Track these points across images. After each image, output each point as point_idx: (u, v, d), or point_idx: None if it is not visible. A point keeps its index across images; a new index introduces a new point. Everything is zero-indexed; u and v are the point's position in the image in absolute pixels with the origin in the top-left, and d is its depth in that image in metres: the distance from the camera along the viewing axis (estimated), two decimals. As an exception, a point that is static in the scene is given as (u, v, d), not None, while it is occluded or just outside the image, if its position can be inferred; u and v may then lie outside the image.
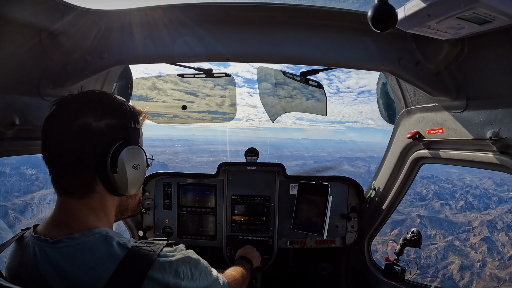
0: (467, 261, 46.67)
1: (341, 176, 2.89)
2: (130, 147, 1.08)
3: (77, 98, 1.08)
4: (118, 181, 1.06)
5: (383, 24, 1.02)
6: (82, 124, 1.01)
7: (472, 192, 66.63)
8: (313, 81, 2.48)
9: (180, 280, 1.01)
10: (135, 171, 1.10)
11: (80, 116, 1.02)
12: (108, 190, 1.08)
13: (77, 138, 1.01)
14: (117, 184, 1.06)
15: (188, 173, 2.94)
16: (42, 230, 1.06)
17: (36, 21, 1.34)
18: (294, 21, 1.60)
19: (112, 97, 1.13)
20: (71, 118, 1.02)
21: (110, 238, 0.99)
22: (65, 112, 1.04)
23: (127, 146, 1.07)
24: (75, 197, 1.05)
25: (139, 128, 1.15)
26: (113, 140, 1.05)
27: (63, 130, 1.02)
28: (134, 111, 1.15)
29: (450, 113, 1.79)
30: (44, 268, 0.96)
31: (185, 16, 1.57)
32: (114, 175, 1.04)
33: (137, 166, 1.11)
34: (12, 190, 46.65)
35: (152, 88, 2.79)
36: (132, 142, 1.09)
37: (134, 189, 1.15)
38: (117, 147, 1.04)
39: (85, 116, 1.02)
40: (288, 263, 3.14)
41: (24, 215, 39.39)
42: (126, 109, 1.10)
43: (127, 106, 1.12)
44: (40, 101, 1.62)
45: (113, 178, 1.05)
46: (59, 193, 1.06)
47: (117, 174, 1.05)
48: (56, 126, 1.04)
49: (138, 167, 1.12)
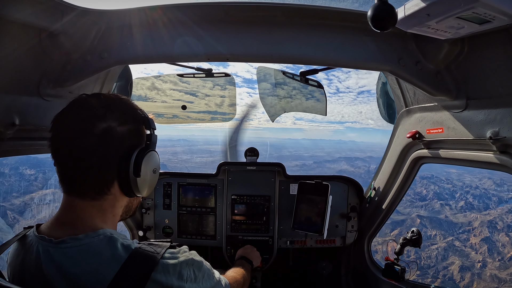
0: (467, 261, 46.57)
1: (341, 176, 2.89)
2: (150, 152, 1.13)
3: (99, 100, 1.08)
4: (139, 184, 1.10)
5: (383, 23, 1.02)
6: (107, 127, 1.02)
7: (472, 192, 66.57)
8: (312, 81, 2.48)
9: (184, 283, 1.01)
10: (154, 175, 1.18)
11: (104, 119, 1.02)
12: (124, 192, 1.10)
13: (99, 141, 1.01)
14: (138, 187, 1.10)
15: (188, 173, 2.94)
16: (46, 229, 1.05)
17: (35, 21, 1.34)
18: (294, 21, 1.60)
19: (133, 103, 1.17)
20: (93, 120, 1.01)
21: (114, 239, 0.99)
22: (85, 113, 1.03)
23: (147, 151, 1.11)
24: (87, 199, 1.04)
25: (156, 134, 1.20)
26: (135, 145, 1.09)
27: (83, 131, 1.01)
28: (151, 118, 1.19)
29: (450, 112, 1.79)
30: (47, 268, 0.96)
31: (184, 16, 1.57)
32: (136, 179, 1.08)
33: (155, 170, 1.19)
34: (11, 191, 46.55)
35: (152, 88, 2.79)
36: (151, 147, 1.15)
37: (149, 191, 1.21)
38: (139, 151, 1.09)
39: (108, 119, 1.03)
40: (288, 263, 3.14)
41: (23, 216, 39.22)
42: (145, 116, 1.15)
43: (144, 113, 1.17)
44: (40, 101, 1.62)
45: (135, 181, 1.08)
46: (67, 193, 1.05)
47: (140, 178, 1.09)
48: (75, 126, 1.02)
49: (156, 171, 1.20)
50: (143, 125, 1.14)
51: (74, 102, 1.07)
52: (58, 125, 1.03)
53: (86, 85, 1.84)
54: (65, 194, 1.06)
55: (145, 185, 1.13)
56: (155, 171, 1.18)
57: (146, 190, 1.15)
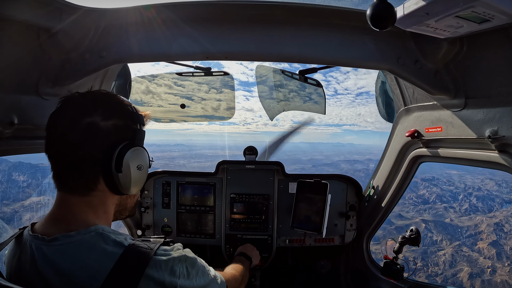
0: (476, 267, 45.86)
1: (340, 175, 2.89)
2: (135, 148, 1.10)
3: (86, 97, 1.09)
4: (122, 181, 1.08)
5: (382, 22, 1.02)
6: (90, 122, 1.02)
7: (476, 194, 66.16)
8: (311, 80, 2.48)
9: (176, 279, 1.01)
10: (138, 172, 1.13)
11: (88, 114, 1.03)
12: (110, 189, 1.10)
13: (83, 136, 1.02)
14: (121, 183, 1.08)
15: (187, 171, 2.94)
16: (39, 227, 1.06)
17: (34, 20, 1.34)
18: (293, 20, 1.60)
19: (120, 98, 1.15)
20: (78, 116, 1.03)
21: (106, 236, 0.99)
22: (72, 110, 1.06)
23: (132, 147, 1.09)
24: (76, 194, 1.05)
25: (143, 130, 1.18)
26: (119, 140, 1.07)
27: (69, 127, 1.03)
28: (140, 113, 1.18)
29: (449, 111, 1.80)
30: (42, 266, 0.97)
31: (183, 15, 1.57)
32: (118, 175, 1.07)
33: (141, 166, 1.14)
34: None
35: (147, 92, 2.76)
36: (137, 143, 1.12)
37: (136, 189, 1.18)
38: (123, 147, 1.07)
39: (93, 115, 1.03)
40: (287, 262, 3.15)
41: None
42: (132, 111, 1.13)
43: (133, 108, 1.16)
44: (38, 100, 1.61)
45: (117, 177, 1.07)
46: (59, 189, 1.07)
47: (122, 174, 1.07)
48: (62, 122, 1.04)
49: (142, 168, 1.15)
50: (131, 120, 1.12)
51: (64, 100, 1.08)
52: (49, 123, 1.06)
53: (85, 84, 1.83)
54: (57, 190, 1.08)
55: (128, 182, 1.10)
56: (140, 168, 1.13)
57: (130, 188, 1.12)
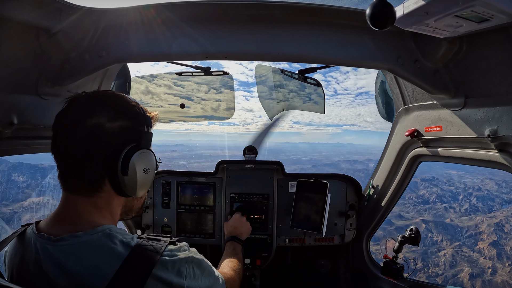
0: (477, 268, 45.70)
1: (339, 174, 2.89)
2: (142, 150, 1.08)
3: (92, 97, 1.08)
4: (127, 184, 1.06)
5: (382, 22, 1.02)
6: (96, 123, 1.01)
7: (476, 194, 66.09)
8: (311, 79, 2.48)
9: (183, 280, 1.01)
10: (145, 175, 1.11)
11: (94, 115, 1.02)
12: (115, 191, 1.08)
13: (88, 136, 1.01)
14: (126, 186, 1.06)
15: (186, 171, 2.94)
16: (44, 226, 1.05)
17: (34, 20, 1.34)
18: (292, 19, 1.60)
19: (127, 99, 1.12)
20: (84, 116, 1.02)
21: (113, 236, 0.99)
22: (78, 110, 1.04)
23: (139, 149, 1.07)
24: (81, 195, 1.04)
25: (151, 132, 1.16)
26: (126, 142, 1.05)
27: (74, 128, 1.01)
28: (147, 114, 1.15)
29: (449, 111, 1.80)
30: (47, 265, 0.96)
31: (183, 15, 1.57)
32: (124, 178, 1.05)
33: (147, 169, 1.11)
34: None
35: (146, 92, 2.76)
36: (144, 145, 1.10)
37: (142, 192, 1.16)
38: (129, 149, 1.05)
39: (99, 115, 1.02)
40: (287, 261, 3.15)
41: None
42: (139, 112, 1.10)
43: (141, 109, 1.12)
44: (38, 100, 1.61)
45: (123, 180, 1.05)
46: (65, 190, 1.06)
47: (128, 177, 1.05)
48: (68, 123, 1.03)
49: (148, 171, 1.12)
50: (138, 122, 1.09)
51: (71, 99, 1.07)
52: (55, 123, 1.05)
53: (85, 83, 1.83)
54: (63, 190, 1.07)
55: (134, 185, 1.08)
56: (146, 171, 1.10)
57: (136, 190, 1.10)
